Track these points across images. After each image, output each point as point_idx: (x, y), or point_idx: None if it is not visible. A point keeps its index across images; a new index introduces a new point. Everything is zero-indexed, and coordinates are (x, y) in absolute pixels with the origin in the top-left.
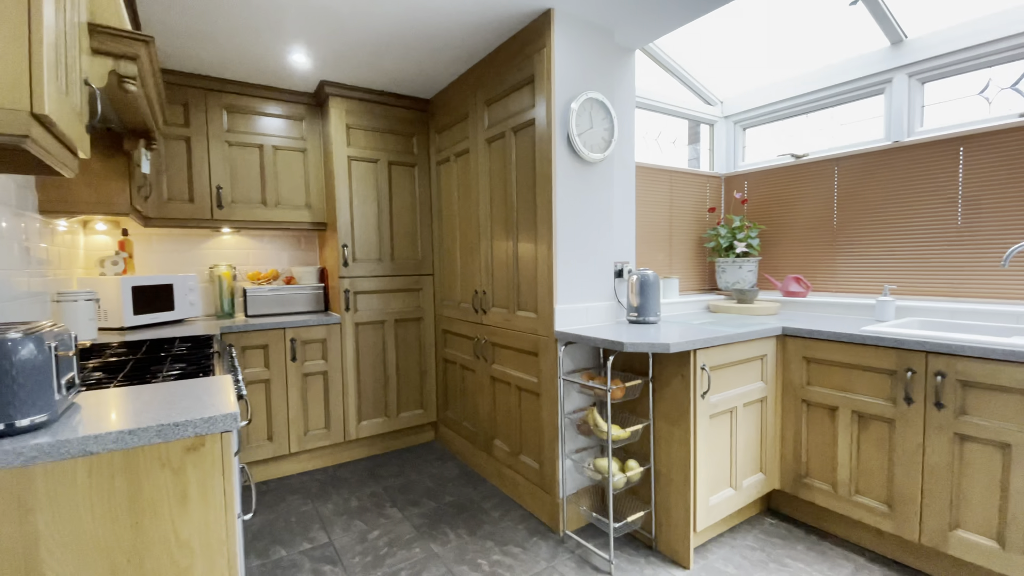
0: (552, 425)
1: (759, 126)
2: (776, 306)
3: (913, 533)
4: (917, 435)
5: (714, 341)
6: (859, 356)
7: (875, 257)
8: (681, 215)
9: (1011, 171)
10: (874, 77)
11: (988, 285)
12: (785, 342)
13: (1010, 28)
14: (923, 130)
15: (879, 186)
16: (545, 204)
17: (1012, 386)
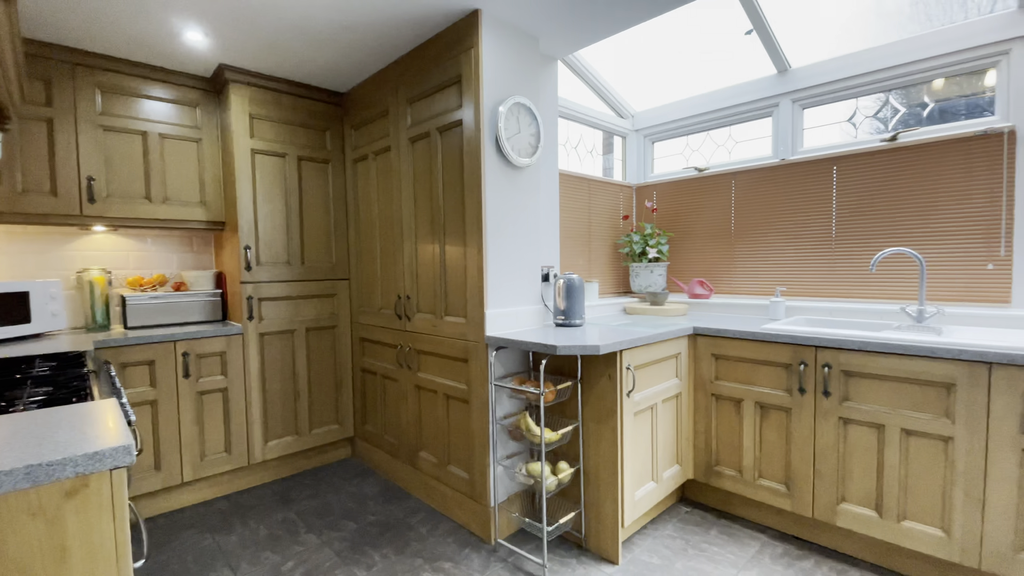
0: (483, 432)
1: (666, 140)
2: (684, 307)
3: (807, 509)
4: (809, 421)
5: (638, 342)
6: (760, 352)
7: (767, 262)
8: (599, 222)
9: (875, 188)
10: (764, 101)
11: (860, 287)
12: (696, 341)
13: (873, 64)
14: (804, 150)
15: (769, 198)
16: (475, 207)
17: (884, 374)
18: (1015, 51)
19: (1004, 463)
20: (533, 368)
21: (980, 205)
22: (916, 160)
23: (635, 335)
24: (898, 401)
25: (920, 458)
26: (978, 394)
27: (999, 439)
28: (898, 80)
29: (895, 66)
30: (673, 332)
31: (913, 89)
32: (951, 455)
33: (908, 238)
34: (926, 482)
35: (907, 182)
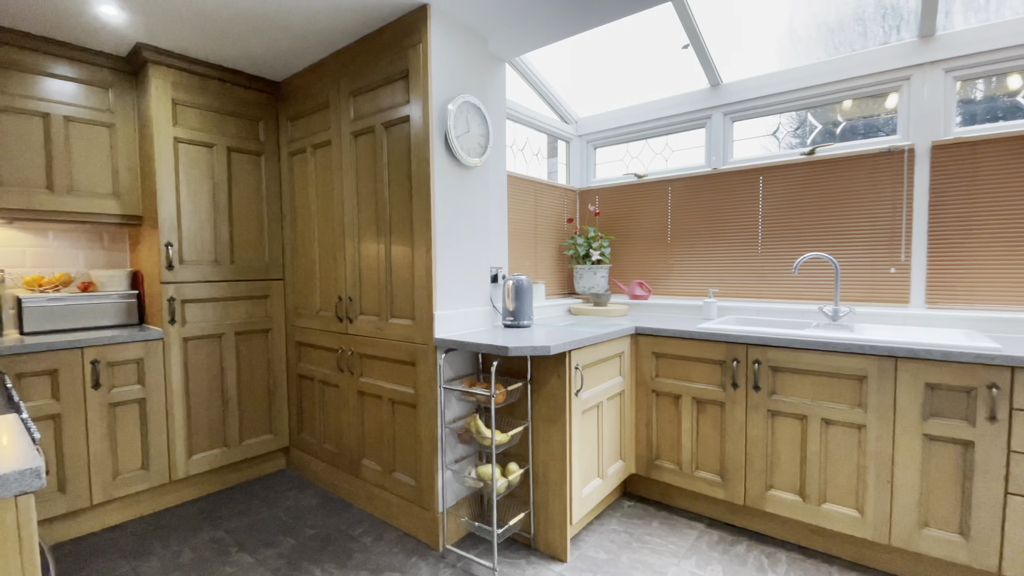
0: (431, 437)
1: (608, 146)
2: (625, 308)
3: (740, 497)
4: (741, 414)
5: (585, 342)
6: (697, 350)
7: (701, 265)
8: (545, 224)
9: (796, 197)
10: (698, 112)
11: (783, 288)
12: (638, 340)
13: (791, 84)
14: (733, 160)
15: (703, 205)
16: (423, 206)
17: (806, 369)
18: (915, 77)
19: (909, 447)
20: (483, 370)
21: (885, 215)
22: (831, 173)
23: (583, 335)
24: (819, 393)
25: (838, 446)
26: (886, 385)
27: (904, 425)
28: (814, 99)
29: (811, 87)
30: (617, 332)
31: (828, 108)
32: (864, 442)
33: (825, 243)
34: (843, 468)
35: (823, 193)
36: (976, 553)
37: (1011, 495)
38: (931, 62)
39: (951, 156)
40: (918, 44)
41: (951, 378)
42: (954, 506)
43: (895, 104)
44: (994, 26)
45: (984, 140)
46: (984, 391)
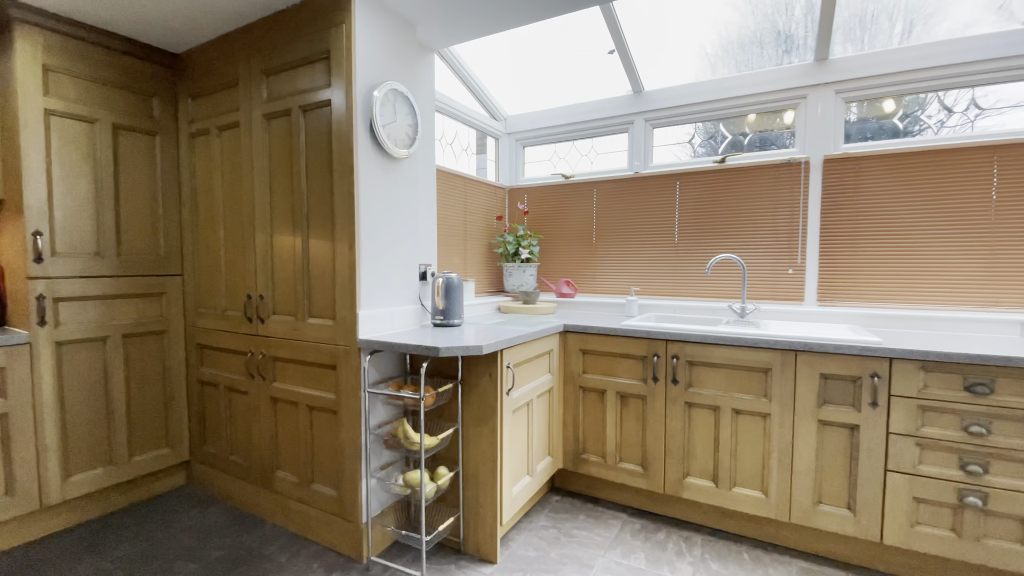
0: (354, 444)
1: (536, 146)
2: (554, 306)
3: (659, 486)
4: (661, 406)
5: (516, 340)
6: (621, 346)
7: (624, 264)
8: (474, 221)
9: (708, 202)
10: (622, 117)
11: (698, 287)
12: (566, 338)
13: (708, 95)
14: (654, 165)
15: (625, 207)
16: (346, 197)
17: (719, 362)
18: (810, 96)
19: (806, 433)
20: (411, 371)
21: (785, 220)
22: (739, 181)
23: (514, 334)
24: (730, 385)
25: (746, 433)
26: (788, 377)
27: (803, 412)
28: (725, 111)
29: (722, 99)
30: (547, 330)
31: (737, 120)
32: (768, 429)
33: (734, 246)
34: (750, 454)
35: (732, 199)
36: (862, 525)
37: (890, 472)
38: (824, 83)
39: (840, 169)
40: (813, 66)
41: (841, 369)
42: (843, 484)
43: (793, 120)
44: (877, 54)
45: (866, 156)
46: (868, 380)
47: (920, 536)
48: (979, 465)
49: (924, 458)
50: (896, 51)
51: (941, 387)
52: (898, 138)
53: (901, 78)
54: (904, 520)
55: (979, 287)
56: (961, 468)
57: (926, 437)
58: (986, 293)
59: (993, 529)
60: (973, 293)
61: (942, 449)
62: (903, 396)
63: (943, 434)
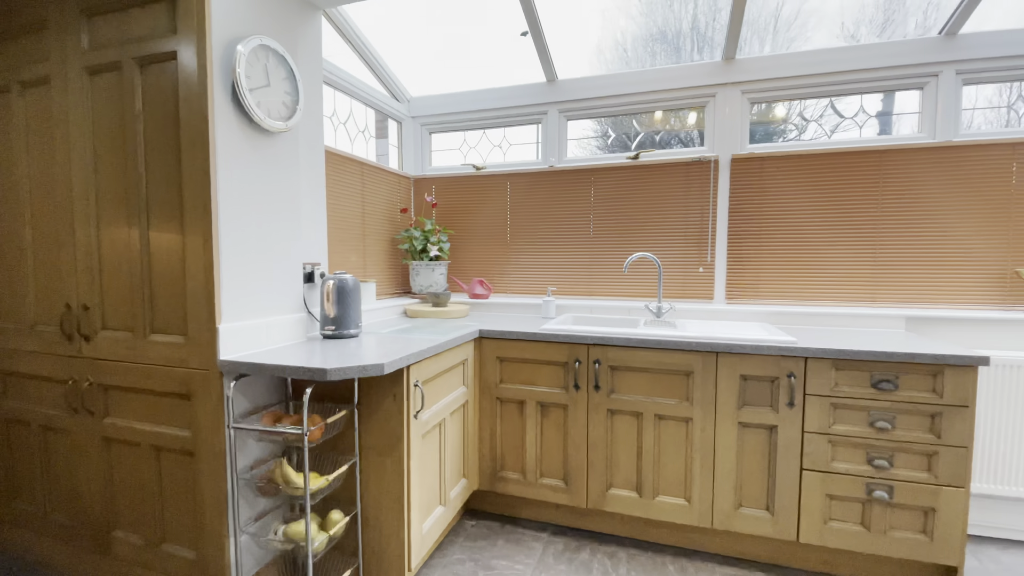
0: (217, 493)
1: (445, 133)
2: (466, 308)
3: (582, 500)
4: (583, 415)
5: (427, 353)
6: (541, 352)
7: (539, 262)
8: (374, 213)
9: (623, 199)
10: (535, 107)
11: (614, 286)
12: (482, 344)
13: (622, 89)
14: (568, 159)
15: (540, 202)
16: (199, 178)
17: (642, 366)
18: (719, 95)
19: (727, 435)
20: (295, 396)
21: (696, 218)
22: (652, 177)
23: (423, 345)
24: (652, 390)
25: (669, 439)
26: (709, 379)
27: (724, 415)
28: (638, 106)
29: (635, 93)
30: (461, 337)
31: (650, 116)
32: (691, 434)
33: (649, 244)
34: (673, 460)
35: (646, 196)
36: (780, 525)
37: (805, 471)
38: (732, 83)
39: (746, 169)
40: (722, 65)
41: (760, 369)
42: (762, 485)
43: (703, 118)
44: (778, 57)
45: (769, 156)
46: (785, 380)
47: (832, 532)
48: (885, 459)
49: (836, 455)
50: (795, 55)
51: (850, 384)
52: (796, 140)
53: (800, 82)
54: (818, 517)
55: (867, 284)
56: (869, 463)
57: (837, 434)
58: (873, 289)
59: (898, 521)
60: (862, 289)
61: (851, 445)
62: (817, 395)
63: (852, 430)
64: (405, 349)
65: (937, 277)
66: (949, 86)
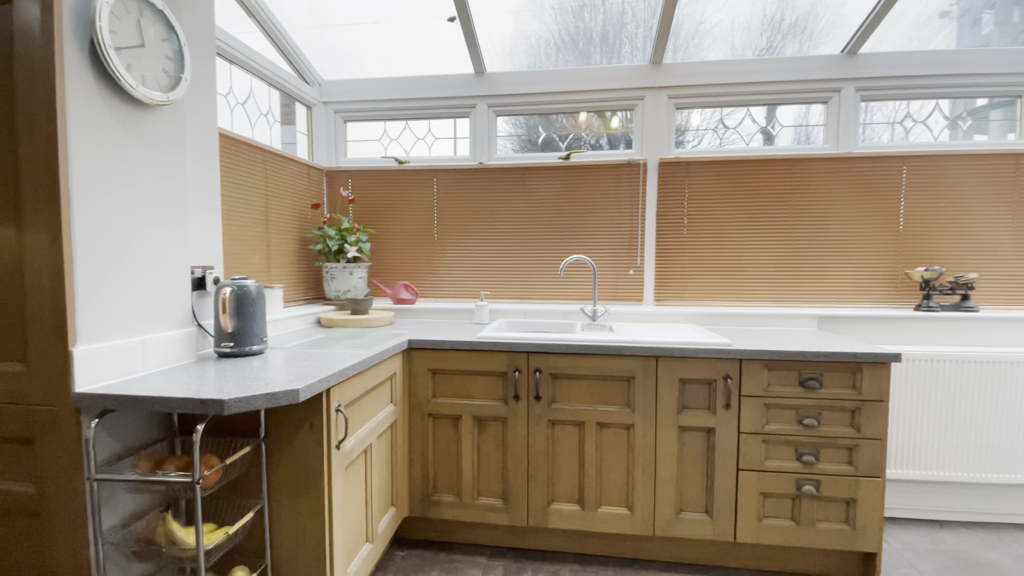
0: (74, 564)
1: (362, 122)
2: (391, 315)
3: (523, 518)
4: (523, 428)
5: (350, 371)
6: (478, 362)
7: (471, 265)
8: (280, 208)
9: (557, 199)
10: (464, 100)
11: (548, 289)
12: (411, 356)
13: (553, 86)
14: (498, 157)
15: (470, 201)
16: (42, 156)
17: (584, 373)
18: (647, 98)
19: (667, 440)
20: (182, 431)
21: (627, 221)
22: (585, 179)
23: (346, 362)
24: (594, 397)
25: (611, 448)
26: (649, 383)
27: (664, 420)
28: (568, 105)
29: (566, 91)
30: (389, 350)
31: (579, 118)
32: (632, 441)
33: (582, 246)
34: (615, 469)
35: (579, 198)
36: (718, 527)
37: (741, 471)
38: (659, 87)
39: (673, 173)
40: (650, 69)
41: (698, 372)
42: (701, 489)
43: (632, 120)
44: (702, 64)
45: (694, 161)
46: (722, 382)
47: (766, 529)
48: (812, 455)
49: (769, 454)
50: (718, 63)
51: (781, 384)
52: (717, 147)
53: (721, 90)
54: (753, 516)
55: (782, 285)
56: (798, 459)
57: (770, 433)
58: (787, 290)
59: (824, 513)
60: (778, 290)
61: (783, 443)
62: (751, 395)
63: (783, 429)
64: (324, 368)
65: (841, 278)
66: (849, 101)
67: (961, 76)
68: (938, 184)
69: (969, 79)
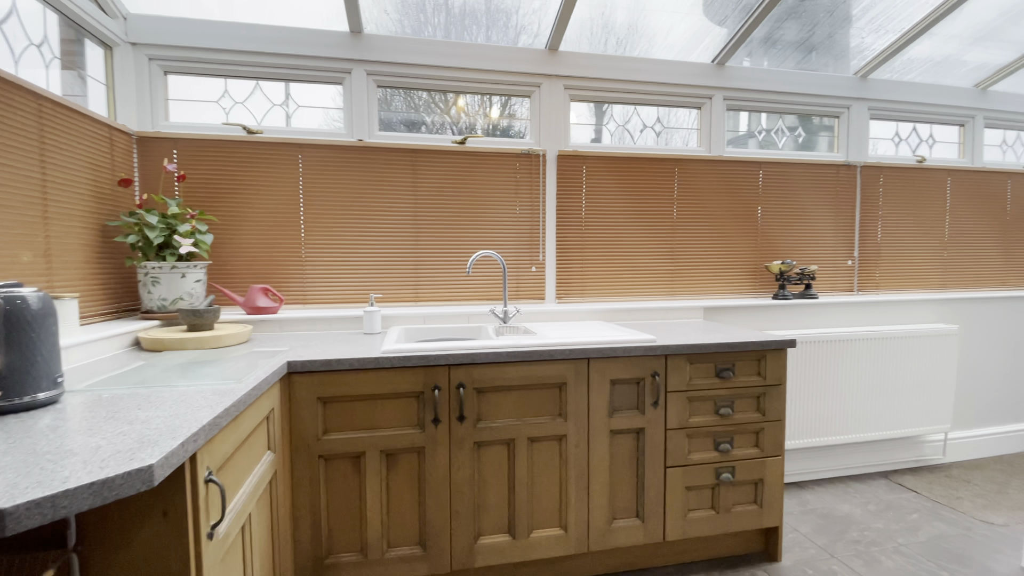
0: None
1: (192, 76)
2: (247, 330)
3: (445, 563)
4: (445, 456)
5: (223, 419)
6: (385, 382)
7: (351, 262)
8: (66, 183)
9: (453, 189)
10: (336, 62)
11: (447, 290)
12: (293, 383)
13: (445, 59)
14: (382, 134)
15: (349, 185)
16: None
17: (513, 383)
18: (544, 86)
19: (600, 447)
20: None
21: (527, 215)
22: (483, 167)
23: (214, 407)
24: (524, 410)
25: (543, 464)
26: (581, 388)
27: (596, 425)
28: (464, 84)
29: (459, 68)
30: (266, 381)
31: (483, 100)
32: (565, 453)
33: (481, 240)
34: (548, 487)
35: (477, 187)
36: (649, 529)
37: (669, 468)
38: (556, 75)
39: (571, 166)
40: (546, 55)
41: (628, 372)
42: (632, 493)
43: (529, 108)
44: (596, 57)
45: (591, 156)
46: (650, 380)
47: (692, 523)
48: (728, 443)
49: (692, 447)
50: (617, 59)
51: (700, 377)
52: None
53: (611, 85)
54: (680, 511)
55: (669, 279)
56: (716, 449)
57: (693, 427)
58: (674, 284)
59: (739, 497)
60: (665, 284)
61: (703, 435)
62: (676, 391)
63: (704, 421)
64: (178, 420)
65: (718, 271)
66: (717, 108)
67: (800, 95)
68: (785, 188)
69: (805, 98)
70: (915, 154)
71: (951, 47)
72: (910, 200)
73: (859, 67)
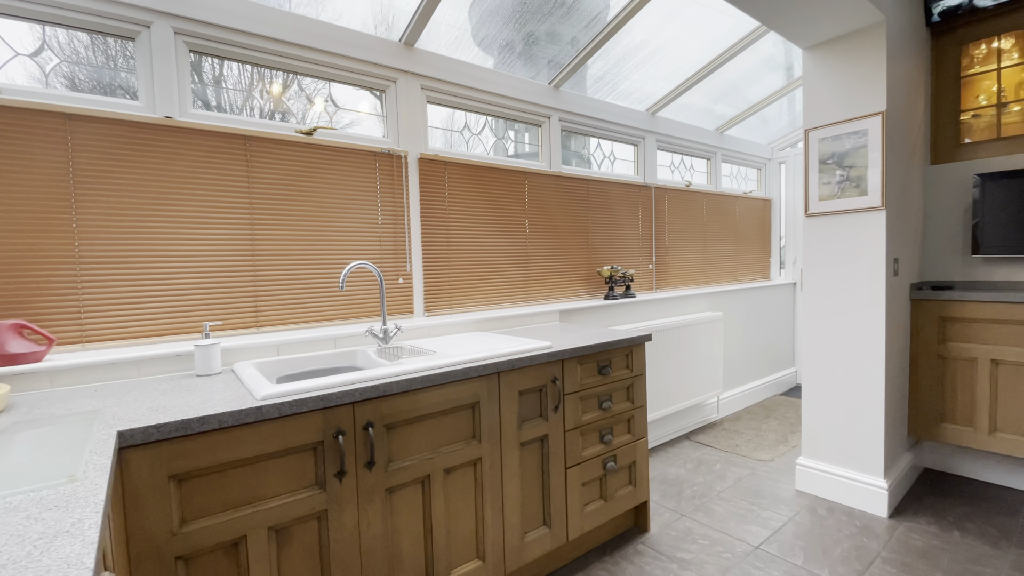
0: None
1: None
2: (4, 392)
3: None
4: (353, 515)
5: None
6: (269, 439)
7: (159, 279)
8: None
9: (297, 185)
10: (127, 9)
11: (302, 310)
12: (129, 461)
13: (284, 32)
14: (200, 113)
15: (150, 175)
16: None
17: (427, 412)
18: (400, 82)
19: (512, 462)
20: None
21: (391, 222)
22: (335, 164)
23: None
24: (438, 440)
25: (459, 493)
26: (493, 405)
27: (507, 442)
28: (303, 64)
29: (304, 46)
30: (99, 466)
31: (330, 88)
32: (480, 476)
33: (341, 251)
34: (465, 518)
35: (328, 188)
36: (555, 534)
37: (569, 468)
38: (413, 73)
39: (433, 171)
40: (403, 49)
41: (533, 380)
42: (540, 501)
43: (385, 104)
44: (452, 61)
45: (452, 162)
46: (551, 386)
47: (588, 516)
48: (610, 433)
49: (585, 443)
50: (466, 64)
51: (588, 375)
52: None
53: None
54: (578, 508)
55: (525, 286)
56: (601, 441)
57: (585, 424)
58: (529, 290)
59: (620, 481)
60: (524, 290)
61: (593, 431)
62: (572, 392)
63: (592, 417)
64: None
65: (563, 277)
66: (555, 128)
67: (609, 123)
68: (605, 202)
69: (613, 126)
70: (684, 179)
71: (704, 101)
72: (683, 215)
73: (650, 105)
